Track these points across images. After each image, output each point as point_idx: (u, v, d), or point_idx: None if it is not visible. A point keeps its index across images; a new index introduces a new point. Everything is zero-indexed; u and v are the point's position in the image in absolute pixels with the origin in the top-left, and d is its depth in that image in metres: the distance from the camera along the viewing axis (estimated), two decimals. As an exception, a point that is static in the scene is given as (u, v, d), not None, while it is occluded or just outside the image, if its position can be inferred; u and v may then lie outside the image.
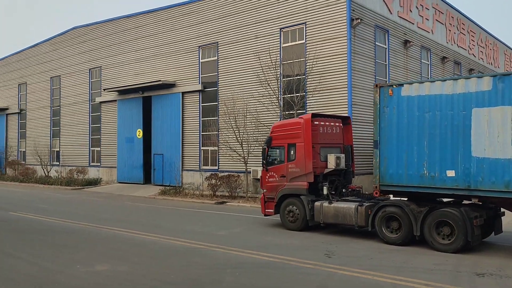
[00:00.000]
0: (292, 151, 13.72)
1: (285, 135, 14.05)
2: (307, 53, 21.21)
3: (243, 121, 21.65)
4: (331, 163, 13.46)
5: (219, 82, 24.96)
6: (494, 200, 10.69)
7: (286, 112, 21.21)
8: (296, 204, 13.33)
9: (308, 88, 20.94)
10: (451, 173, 10.64)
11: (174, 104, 27.09)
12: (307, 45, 21.40)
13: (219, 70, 24.99)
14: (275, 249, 10.59)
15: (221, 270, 8.79)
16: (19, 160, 39.72)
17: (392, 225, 11.42)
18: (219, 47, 25.00)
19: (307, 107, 20.95)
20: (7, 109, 41.74)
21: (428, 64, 26.56)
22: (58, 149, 36.28)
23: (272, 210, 14.09)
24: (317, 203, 12.88)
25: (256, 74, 22.14)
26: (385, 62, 22.77)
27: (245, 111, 21.85)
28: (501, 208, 11.37)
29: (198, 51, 26.08)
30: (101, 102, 32.18)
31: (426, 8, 26.01)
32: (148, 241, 11.73)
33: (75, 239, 12.07)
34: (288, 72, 21.82)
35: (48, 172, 34.70)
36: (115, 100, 30.99)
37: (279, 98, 21.37)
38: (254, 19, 23.46)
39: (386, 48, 22.79)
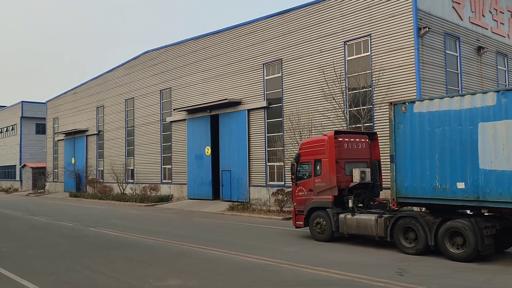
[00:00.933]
0: (318, 167, 14.54)
1: (311, 152, 14.85)
2: (372, 65, 20.81)
3: (308, 136, 21.57)
4: (356, 177, 14.09)
5: (283, 98, 25.12)
6: (504, 211, 10.97)
7: (353, 126, 20.86)
8: (323, 217, 14.13)
9: (375, 100, 20.49)
10: (461, 185, 11.11)
11: (240, 121, 27.59)
12: (373, 57, 21.00)
13: (283, 86, 25.17)
14: (345, 266, 10.35)
15: (289, 287, 8.72)
16: (98, 178, 42.17)
17: (409, 235, 11.91)
18: (283, 64, 25.22)
19: (374, 119, 20.48)
20: (87, 130, 44.65)
21: (505, 71, 25.05)
22: (132, 168, 38.14)
23: (302, 223, 14.92)
24: (341, 216, 13.65)
25: (321, 88, 22.05)
26: (457, 70, 21.77)
27: (310, 126, 21.76)
28: None
29: (262, 69, 26.47)
30: (171, 122, 33.51)
31: (500, 12, 24.66)
32: (217, 256, 11.93)
33: (148, 254, 12.56)
34: (353, 85, 21.51)
35: (123, 189, 36.53)
36: (185, 119, 32.15)
37: (345, 112, 21.08)
38: (317, 34, 23.47)
39: (457, 56, 21.82)
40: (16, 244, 14.53)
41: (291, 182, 15.88)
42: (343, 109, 21.00)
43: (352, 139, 14.76)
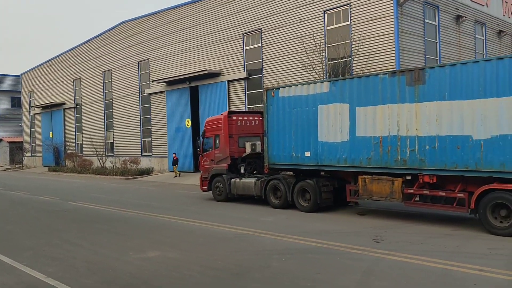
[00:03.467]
0: (217, 140, 17.43)
1: (213, 128, 17.68)
2: (352, 34, 20.71)
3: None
4: (248, 149, 16.86)
5: (263, 69, 24.92)
6: (339, 174, 13.82)
7: (332, 96, 20.85)
8: (221, 181, 17.12)
9: (354, 70, 20.48)
10: (307, 154, 14.00)
11: (220, 92, 27.36)
12: (352, 26, 20.87)
13: (263, 57, 24.94)
14: (323, 235, 10.54)
15: (267, 256, 8.86)
16: (77, 152, 41.70)
17: (277, 193, 15.05)
18: (262, 34, 24.91)
19: (354, 90, 20.48)
20: (64, 104, 43.79)
21: (483, 40, 25.20)
22: (112, 141, 37.74)
23: (206, 187, 18.00)
24: (232, 180, 16.61)
25: (301, 58, 21.91)
26: (436, 40, 21.82)
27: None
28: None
29: (242, 39, 26.12)
30: (150, 94, 33.06)
31: (479, -20, 24.60)
32: (197, 228, 12.00)
33: (128, 226, 12.57)
34: (333, 55, 21.42)
35: (103, 163, 36.22)
36: (164, 92, 31.74)
37: (325, 82, 21.02)
38: (297, 3, 23.14)
39: (436, 25, 21.82)
40: (-7, 220, 14.36)
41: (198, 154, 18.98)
42: (322, 79, 20.93)
43: (245, 118, 17.67)
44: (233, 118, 17.27)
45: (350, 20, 21.03)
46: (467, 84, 10.64)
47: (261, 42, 25.02)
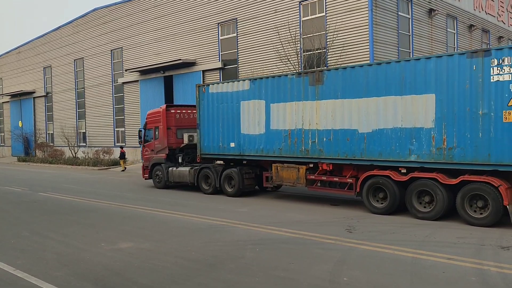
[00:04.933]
0: (157, 132, 18.70)
1: (153, 120, 18.90)
2: (327, 26, 20.77)
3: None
4: (185, 140, 18.05)
5: (239, 59, 24.80)
6: (260, 162, 15.31)
7: (307, 87, 20.92)
8: (160, 170, 18.47)
9: (329, 62, 20.58)
10: (232, 145, 15.41)
11: (194, 82, 26.93)
12: (328, 17, 20.94)
13: (238, 47, 24.80)
14: (297, 225, 10.61)
15: (241, 246, 8.87)
16: (48, 142, 40.73)
17: (208, 181, 16.42)
18: (238, 24, 24.74)
19: (329, 81, 20.58)
20: (34, 92, 42.65)
21: (455, 33, 25.68)
22: (84, 131, 37.02)
23: (147, 175, 19.31)
24: (170, 169, 17.95)
25: (276, 49, 21.88)
26: (409, 32, 22.11)
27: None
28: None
29: (217, 28, 25.89)
30: (123, 83, 32.50)
31: (451, -26, 24.98)
32: (171, 219, 11.92)
33: (101, 218, 12.37)
34: (308, 46, 21.47)
35: (75, 153, 35.51)
36: (137, 81, 31.25)
37: (300, 73, 21.07)
38: (272, -7, 23.03)
39: (409, 18, 22.10)
40: (-41, 211, 13.92)
41: (140, 144, 20.61)
42: (297, 71, 20.98)
43: (184, 111, 18.81)
44: (172, 111, 18.52)
45: (326, 11, 21.08)
46: (355, 85, 12.19)
47: (237, 32, 24.86)
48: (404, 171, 11.47)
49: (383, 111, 11.63)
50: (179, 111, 18.73)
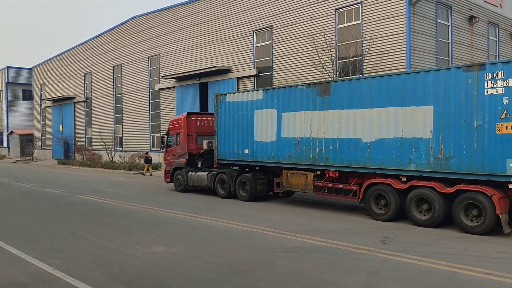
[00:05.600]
0: (178, 138, 19.68)
1: (175, 127, 19.93)
2: (363, 33, 20.55)
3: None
4: (205, 146, 18.94)
5: (273, 66, 24.85)
6: (272, 168, 15.84)
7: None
8: (180, 174, 19.36)
9: (365, 70, 20.34)
10: (246, 151, 16.10)
11: (229, 89, 27.24)
12: (364, 25, 20.72)
13: (273, 54, 24.86)
14: (329, 234, 10.48)
15: (273, 254, 8.82)
16: (86, 146, 41.89)
17: (224, 185, 17.15)
18: (273, 31, 24.83)
19: (364, 89, 20.33)
20: (74, 97, 44.02)
21: (496, 41, 24.90)
22: (121, 135, 37.89)
23: (169, 179, 20.23)
24: (189, 173, 18.81)
25: (311, 57, 21.81)
26: (448, 40, 21.59)
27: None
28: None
29: (252, 36, 26.06)
30: (160, 89, 33.12)
31: (493, -20, 24.28)
32: (203, 224, 12.01)
33: (135, 221, 12.61)
34: (343, 54, 21.28)
35: (112, 157, 36.38)
36: (173, 87, 31.78)
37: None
38: (308, 1, 23.01)
39: (448, 25, 21.59)
40: (2, 211, 14.50)
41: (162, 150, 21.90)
42: (332, 78, 20.84)
43: (204, 118, 19.71)
44: (192, 118, 19.45)
45: (362, 19, 20.87)
46: (359, 96, 12.65)
47: (272, 40, 24.94)
48: (404, 179, 11.89)
49: (385, 122, 12.10)
50: (199, 118, 19.63)
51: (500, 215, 10.07)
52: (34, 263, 8.23)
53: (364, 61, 20.30)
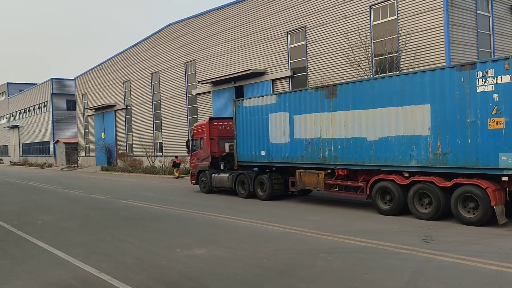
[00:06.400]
0: (202, 142, 20.83)
1: (199, 132, 21.10)
2: (399, 29, 20.14)
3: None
4: (227, 149, 19.85)
5: (308, 66, 24.73)
6: (287, 169, 16.60)
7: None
8: (205, 176, 20.47)
9: (402, 66, 19.91)
10: (263, 153, 16.97)
11: (264, 91, 27.34)
12: (399, 20, 20.30)
13: (307, 54, 24.74)
14: (369, 234, 10.33)
15: (313, 255, 8.78)
16: (128, 152, 43.03)
17: (244, 186, 18.11)
18: (307, 31, 24.72)
19: (402, 86, 19.90)
20: (115, 105, 45.34)
21: (541, 30, 23.77)
22: (160, 141, 38.68)
23: (194, 181, 21.47)
24: (213, 175, 19.84)
25: (346, 55, 21.56)
26: (489, 31, 20.83)
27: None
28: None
29: (286, 37, 26.04)
30: (196, 94, 33.61)
31: (536, -33, 23.23)
32: (242, 226, 12.09)
33: (176, 224, 12.85)
34: (379, 50, 20.92)
35: (152, 162, 37.20)
36: (210, 92, 32.18)
37: (371, 79, 20.58)
38: (341, -1, 22.79)
39: (489, 16, 20.83)
40: (50, 217, 15.10)
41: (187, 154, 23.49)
42: (369, 76, 20.52)
43: (225, 123, 20.59)
44: (214, 123, 20.55)
45: (397, 14, 20.46)
46: (363, 97, 13.32)
47: (306, 40, 24.84)
48: (407, 175, 12.51)
49: (387, 121, 12.71)
50: (221, 123, 20.63)
51: (495, 207, 10.49)
52: (81, 266, 8.54)
53: (401, 57, 19.89)
